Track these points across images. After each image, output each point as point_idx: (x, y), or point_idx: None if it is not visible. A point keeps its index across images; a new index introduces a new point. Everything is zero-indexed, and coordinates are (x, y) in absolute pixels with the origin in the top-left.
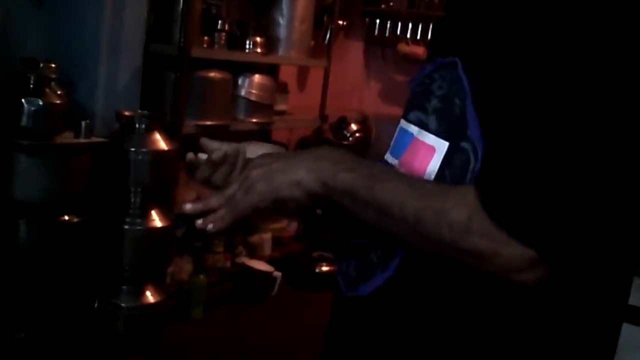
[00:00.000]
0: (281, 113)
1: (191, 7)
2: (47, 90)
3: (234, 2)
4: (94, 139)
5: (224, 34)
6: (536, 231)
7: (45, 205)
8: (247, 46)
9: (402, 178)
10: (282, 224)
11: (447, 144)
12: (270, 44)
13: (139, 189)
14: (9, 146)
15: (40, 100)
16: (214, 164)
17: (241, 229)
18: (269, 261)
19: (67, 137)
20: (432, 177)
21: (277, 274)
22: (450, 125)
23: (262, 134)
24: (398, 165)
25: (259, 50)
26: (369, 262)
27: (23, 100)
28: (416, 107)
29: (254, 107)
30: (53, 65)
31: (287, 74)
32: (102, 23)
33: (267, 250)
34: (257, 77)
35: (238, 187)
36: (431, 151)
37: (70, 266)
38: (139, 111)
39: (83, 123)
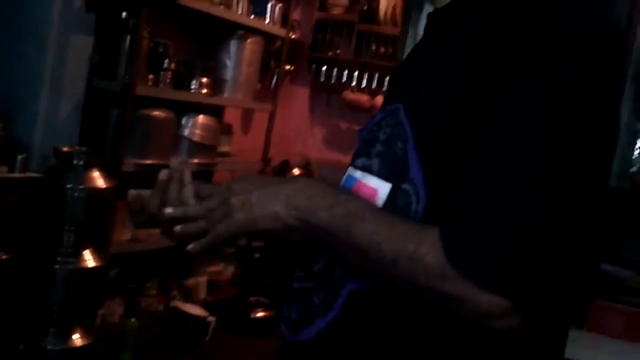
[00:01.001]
0: (224, 154)
1: (137, 44)
2: None
3: (181, 42)
4: (29, 174)
5: (169, 73)
6: (505, 281)
7: None
8: (193, 86)
9: (379, 218)
10: (218, 267)
11: (389, 185)
12: (216, 85)
13: (73, 227)
14: None
15: None
16: (161, 187)
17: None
18: (204, 305)
19: (1, 172)
20: None
21: (211, 318)
22: (392, 167)
23: (203, 175)
24: None
25: (204, 90)
26: (311, 305)
27: None
28: (363, 153)
29: (197, 147)
30: None
31: (232, 116)
32: (44, 57)
33: (202, 294)
34: (201, 118)
35: (216, 208)
36: (373, 193)
37: None
38: (78, 147)
39: (19, 157)
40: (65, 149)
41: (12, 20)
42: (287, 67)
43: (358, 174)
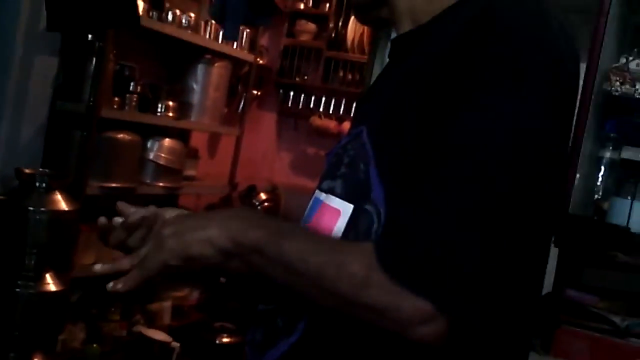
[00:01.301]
0: (190, 178)
1: (103, 67)
2: None
3: (148, 65)
4: None
5: (135, 95)
6: (429, 282)
7: None
8: (159, 109)
9: (308, 235)
10: (183, 292)
11: (351, 206)
12: (183, 109)
13: (35, 250)
14: None
15: None
16: (129, 228)
17: (140, 295)
18: (168, 331)
19: None
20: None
21: (176, 344)
22: (355, 188)
23: (169, 199)
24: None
25: (170, 114)
26: (274, 327)
27: None
28: (328, 176)
29: (163, 171)
30: None
31: (199, 140)
32: (7, 77)
33: (167, 319)
34: (167, 141)
35: (150, 246)
36: (337, 214)
37: None
38: (40, 169)
39: None
40: (27, 170)
41: None
42: (255, 92)
43: (323, 196)
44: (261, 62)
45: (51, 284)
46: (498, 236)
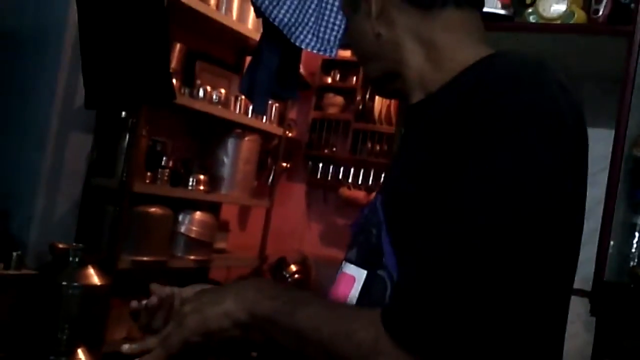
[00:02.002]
0: (220, 251)
1: (136, 143)
2: None
3: (179, 140)
4: (25, 271)
5: (167, 170)
6: (436, 349)
7: None
8: (190, 183)
9: (321, 303)
10: None
11: (365, 272)
12: (213, 182)
13: (67, 325)
14: None
15: None
16: (151, 310)
17: None
18: None
19: None
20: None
21: None
22: (368, 254)
23: (199, 272)
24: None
25: (201, 187)
26: None
27: None
28: (351, 246)
29: (193, 244)
30: None
31: (229, 213)
32: (43, 155)
33: None
34: (197, 214)
35: (171, 324)
36: (352, 280)
37: None
38: (74, 244)
39: (14, 254)
40: (61, 245)
41: (13, 117)
42: (284, 164)
43: (344, 264)
44: (290, 135)
45: (83, 359)
46: (506, 298)
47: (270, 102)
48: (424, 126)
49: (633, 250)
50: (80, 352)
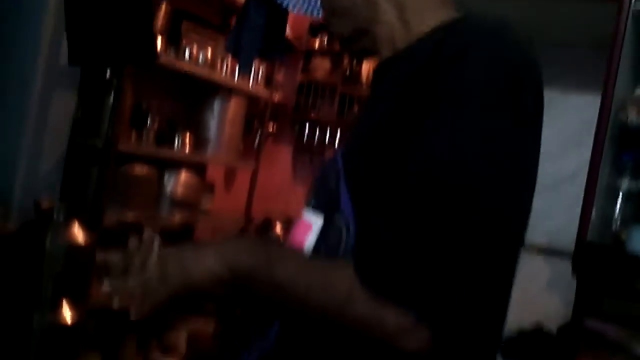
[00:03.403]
0: (206, 212)
1: (121, 102)
2: None
3: (165, 101)
4: (9, 227)
5: (152, 130)
6: (408, 294)
7: None
8: (176, 143)
9: (298, 257)
10: (199, 322)
11: (322, 217)
12: (200, 143)
13: (51, 281)
14: None
15: None
16: (127, 255)
17: (154, 325)
18: None
19: None
20: (310, 251)
21: None
22: (327, 199)
23: (185, 232)
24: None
25: (187, 148)
26: (249, 331)
27: None
28: (311, 191)
29: (179, 204)
30: None
31: (215, 174)
32: (27, 114)
33: (182, 348)
34: (183, 175)
35: (153, 275)
36: (309, 227)
37: None
38: (58, 202)
39: None
40: (45, 203)
41: None
42: (271, 128)
43: (304, 211)
44: (277, 98)
45: (67, 314)
46: (468, 245)
47: (257, 65)
48: (389, 82)
49: (616, 214)
50: (65, 307)
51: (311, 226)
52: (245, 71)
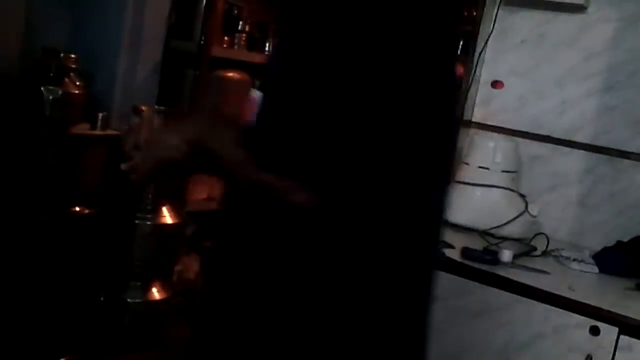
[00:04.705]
0: None
1: (213, 6)
2: (67, 80)
3: (255, 4)
4: (110, 132)
5: (244, 35)
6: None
7: (57, 196)
8: (267, 48)
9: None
10: None
11: (260, 95)
12: None
13: (153, 186)
14: (25, 134)
15: (59, 90)
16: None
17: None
18: None
19: (83, 128)
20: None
21: None
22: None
23: None
24: None
25: None
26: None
27: (42, 88)
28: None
29: None
30: (73, 56)
31: None
32: (123, 17)
33: None
34: None
35: (142, 153)
36: (254, 102)
37: (79, 258)
38: (156, 106)
39: (100, 115)
40: (143, 107)
41: None
42: None
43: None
44: None
45: (167, 217)
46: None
47: None
48: None
49: None
50: (164, 210)
51: (255, 99)
52: None
